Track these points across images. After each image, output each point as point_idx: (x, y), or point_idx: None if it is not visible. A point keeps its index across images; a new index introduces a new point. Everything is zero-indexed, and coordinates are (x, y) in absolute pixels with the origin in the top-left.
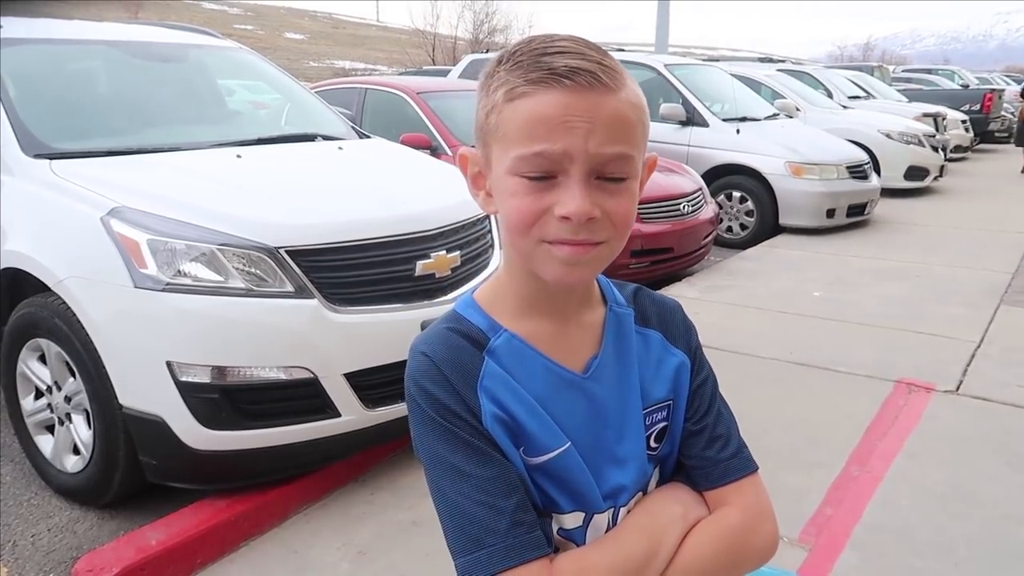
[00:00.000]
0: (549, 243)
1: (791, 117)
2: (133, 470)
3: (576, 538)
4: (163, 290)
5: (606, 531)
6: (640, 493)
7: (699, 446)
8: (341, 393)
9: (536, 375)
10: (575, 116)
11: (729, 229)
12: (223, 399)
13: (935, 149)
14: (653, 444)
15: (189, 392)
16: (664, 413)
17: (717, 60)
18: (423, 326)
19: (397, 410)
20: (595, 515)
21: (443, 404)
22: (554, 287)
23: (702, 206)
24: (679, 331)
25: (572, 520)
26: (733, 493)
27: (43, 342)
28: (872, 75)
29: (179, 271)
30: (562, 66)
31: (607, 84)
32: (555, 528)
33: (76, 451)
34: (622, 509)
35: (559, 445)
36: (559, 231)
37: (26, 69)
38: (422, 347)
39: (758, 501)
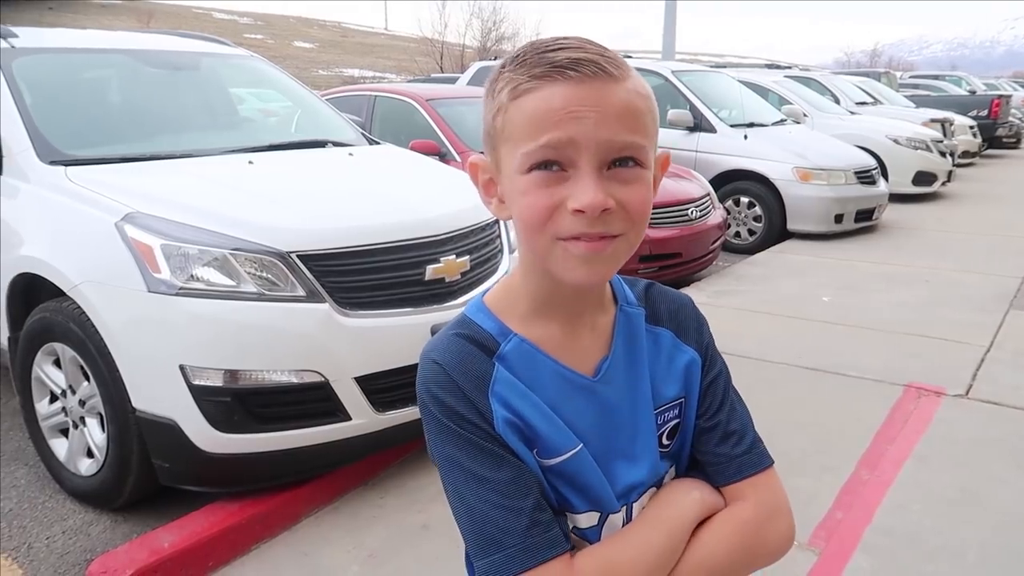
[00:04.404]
0: (564, 241)
1: (798, 123)
2: (146, 473)
3: (590, 537)
4: (176, 294)
5: (622, 527)
6: (653, 488)
7: (712, 442)
8: (352, 397)
9: (546, 379)
10: (582, 106)
11: (737, 234)
12: (235, 403)
13: (943, 154)
14: (665, 441)
15: (202, 396)
16: (676, 411)
17: (724, 67)
18: (433, 330)
19: (407, 414)
20: (610, 515)
21: (455, 411)
22: (573, 288)
23: (710, 211)
24: (690, 327)
25: (587, 520)
26: (748, 488)
27: (58, 346)
28: (879, 81)
29: (192, 276)
30: (564, 59)
31: (612, 73)
32: (569, 526)
33: (90, 454)
34: (635, 505)
35: (571, 447)
36: (573, 226)
37: (42, 78)
38: (433, 354)
39: (773, 496)
